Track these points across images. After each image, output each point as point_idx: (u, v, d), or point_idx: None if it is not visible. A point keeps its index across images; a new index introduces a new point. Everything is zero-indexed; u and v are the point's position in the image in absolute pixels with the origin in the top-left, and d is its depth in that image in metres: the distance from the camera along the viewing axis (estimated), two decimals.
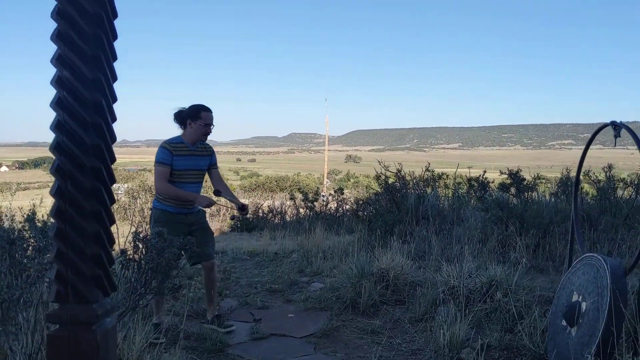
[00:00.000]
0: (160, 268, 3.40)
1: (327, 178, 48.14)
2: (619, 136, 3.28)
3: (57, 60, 1.49)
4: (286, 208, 15.62)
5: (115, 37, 1.58)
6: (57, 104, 1.51)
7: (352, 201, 14.56)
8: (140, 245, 3.37)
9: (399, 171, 9.15)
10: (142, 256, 3.35)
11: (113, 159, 1.64)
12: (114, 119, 1.61)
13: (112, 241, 1.68)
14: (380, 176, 8.80)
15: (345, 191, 18.30)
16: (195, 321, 4.31)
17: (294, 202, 15.14)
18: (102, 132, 1.55)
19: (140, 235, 3.40)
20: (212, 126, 4.08)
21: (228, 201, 4.34)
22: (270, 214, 15.48)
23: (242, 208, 4.18)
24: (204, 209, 4.26)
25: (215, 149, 4.34)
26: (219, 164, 4.39)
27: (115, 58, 1.59)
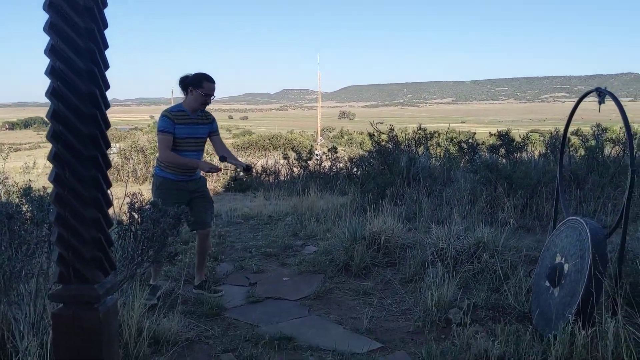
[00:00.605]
0: (156, 237, 3.49)
1: (321, 135, 48.07)
2: (603, 102, 3.34)
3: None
4: (280, 167, 15.70)
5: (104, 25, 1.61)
6: (52, 93, 1.56)
7: (345, 160, 14.65)
8: (136, 215, 3.45)
9: (391, 131, 9.21)
10: (137, 226, 3.43)
11: (108, 145, 1.70)
12: (107, 106, 1.66)
13: (109, 224, 1.75)
14: (372, 136, 8.85)
15: (339, 148, 18.34)
16: (192, 286, 4.44)
17: (288, 161, 15.21)
18: (98, 126, 1.60)
19: (135, 205, 3.48)
20: (212, 97, 4.10)
21: (233, 166, 4.39)
22: (264, 174, 15.57)
23: (248, 168, 4.23)
24: (205, 174, 4.32)
25: (210, 107, 4.36)
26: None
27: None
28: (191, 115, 4.08)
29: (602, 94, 3.28)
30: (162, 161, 4.07)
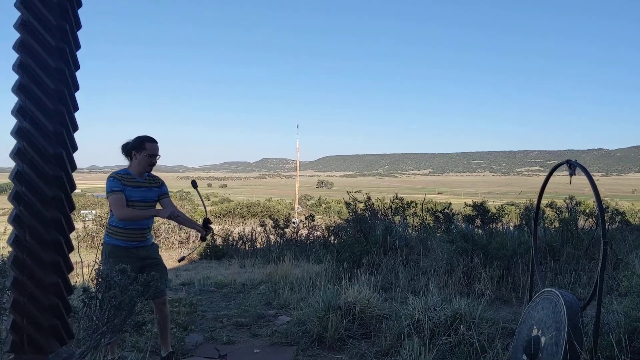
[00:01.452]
0: (123, 305, 3.36)
1: (299, 203, 48.15)
2: (574, 174, 3.40)
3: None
4: (256, 235, 15.56)
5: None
6: (16, 154, 1.52)
7: (323, 227, 14.60)
8: (103, 283, 3.33)
9: (368, 200, 9.24)
10: (104, 294, 3.31)
11: (72, 207, 1.65)
12: (74, 167, 1.62)
13: (70, 290, 1.68)
14: (349, 205, 8.87)
15: (317, 217, 18.32)
16: (159, 358, 4.24)
17: (265, 228, 15.09)
18: (63, 188, 1.56)
19: (103, 273, 3.37)
20: (157, 157, 4.06)
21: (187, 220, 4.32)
22: (241, 241, 15.38)
23: (206, 222, 4.14)
24: (166, 219, 4.17)
25: (186, 174, 4.31)
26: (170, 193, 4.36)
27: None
28: (138, 179, 4.02)
29: (572, 165, 3.35)
30: (120, 219, 3.94)
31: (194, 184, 4.24)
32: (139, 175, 4.04)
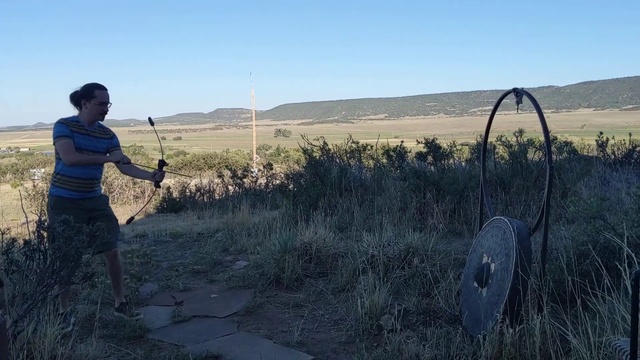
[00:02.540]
0: (69, 257, 3.25)
1: (257, 153, 47.85)
2: (521, 102, 3.41)
3: None
4: (214, 186, 15.41)
5: None
6: None
7: (282, 176, 14.56)
8: (45, 234, 3.20)
9: (324, 145, 9.21)
10: (48, 245, 3.19)
11: None
12: None
13: None
14: (305, 150, 8.81)
15: (276, 166, 18.26)
16: (113, 309, 4.18)
17: (223, 180, 14.94)
18: None
19: (45, 223, 3.24)
20: (108, 104, 3.87)
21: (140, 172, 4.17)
22: (198, 193, 15.22)
23: (161, 164, 4.00)
24: (118, 163, 3.96)
25: (138, 128, 4.15)
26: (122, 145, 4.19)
27: None
28: (88, 127, 3.84)
29: (519, 94, 3.35)
30: (69, 164, 3.77)
31: (151, 121, 4.06)
32: (89, 125, 3.85)
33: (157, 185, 4.09)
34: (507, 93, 3.51)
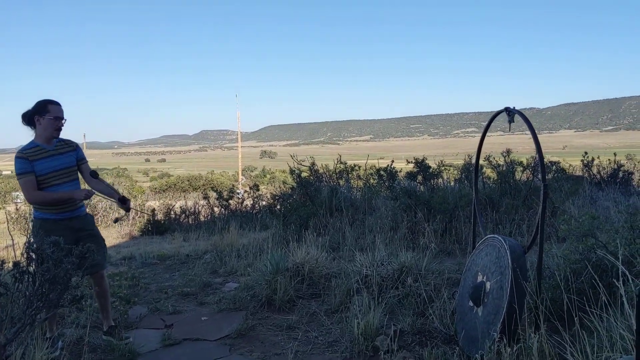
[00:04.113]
0: (58, 279, 3.18)
1: (243, 175, 47.73)
2: (513, 121, 3.43)
3: None
4: (200, 208, 15.26)
5: None
6: None
7: (268, 197, 14.47)
8: (34, 256, 3.13)
9: (312, 165, 9.20)
10: (37, 268, 3.11)
11: None
12: None
13: None
14: (294, 171, 8.80)
15: (262, 187, 18.19)
16: (101, 332, 4.08)
17: (208, 201, 14.81)
18: None
19: (34, 245, 3.17)
20: (63, 120, 3.77)
21: (106, 193, 4.01)
22: (183, 215, 15.06)
23: (123, 200, 3.88)
24: (83, 200, 3.87)
25: (122, 151, 4.07)
26: (88, 160, 4.07)
27: None
28: (48, 147, 3.73)
29: (511, 113, 3.38)
30: (31, 204, 3.71)
31: (94, 174, 3.89)
32: (47, 143, 3.73)
33: (127, 210, 3.94)
34: (499, 112, 3.53)
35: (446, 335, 3.56)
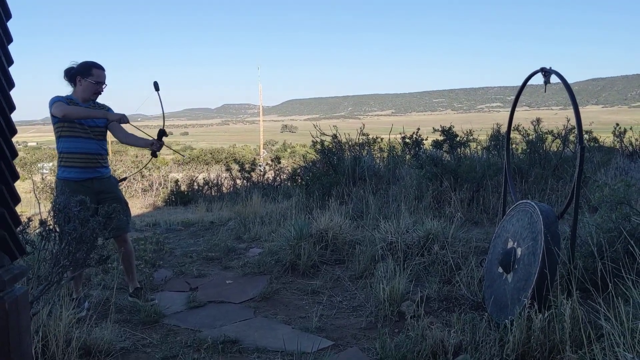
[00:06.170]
0: (85, 238, 3.18)
1: (264, 148, 47.76)
2: (549, 82, 3.31)
3: None
4: (222, 180, 15.33)
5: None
6: None
7: (289, 170, 14.44)
8: (61, 215, 3.13)
9: (335, 135, 9.11)
10: (63, 226, 3.11)
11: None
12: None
13: (16, 199, 1.49)
14: (316, 142, 8.73)
15: (283, 161, 18.19)
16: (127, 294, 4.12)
17: (230, 173, 14.86)
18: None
19: (61, 204, 3.16)
20: (104, 85, 3.76)
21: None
22: (206, 187, 15.15)
23: (161, 134, 3.84)
24: (118, 122, 3.81)
25: (145, 123, 4.01)
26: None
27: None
28: (82, 104, 3.72)
29: (547, 73, 3.25)
30: (64, 115, 3.56)
31: (156, 86, 3.83)
32: (83, 102, 3.75)
33: (154, 155, 3.93)
34: (534, 73, 3.41)
35: (473, 302, 3.51)
